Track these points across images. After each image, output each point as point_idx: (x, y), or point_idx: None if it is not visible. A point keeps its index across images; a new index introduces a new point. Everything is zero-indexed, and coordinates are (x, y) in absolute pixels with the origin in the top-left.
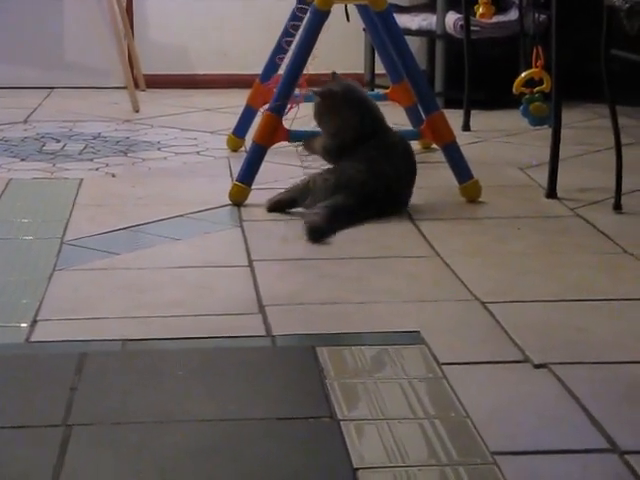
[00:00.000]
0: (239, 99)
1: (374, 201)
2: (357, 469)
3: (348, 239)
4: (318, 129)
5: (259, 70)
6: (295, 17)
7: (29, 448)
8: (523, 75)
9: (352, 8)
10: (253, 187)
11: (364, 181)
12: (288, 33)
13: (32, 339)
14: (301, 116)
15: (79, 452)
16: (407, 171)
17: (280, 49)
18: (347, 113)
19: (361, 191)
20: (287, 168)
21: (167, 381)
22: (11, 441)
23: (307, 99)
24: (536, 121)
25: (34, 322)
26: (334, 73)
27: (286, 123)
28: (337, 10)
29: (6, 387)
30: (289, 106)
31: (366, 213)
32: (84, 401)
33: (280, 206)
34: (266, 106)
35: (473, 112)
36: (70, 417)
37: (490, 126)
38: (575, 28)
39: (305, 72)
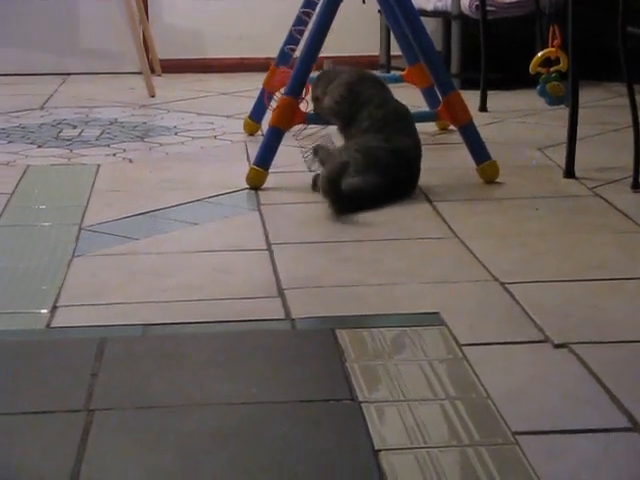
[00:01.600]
0: (255, 83)
1: (398, 180)
2: (379, 450)
3: (366, 221)
4: None
5: (274, 53)
6: (308, 3)
7: (51, 433)
8: (539, 55)
9: None
10: (270, 171)
11: (389, 162)
12: (300, 21)
13: (52, 325)
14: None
15: (101, 437)
16: (417, 141)
17: (292, 38)
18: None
19: (388, 172)
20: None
21: (188, 365)
22: (33, 426)
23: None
24: (553, 101)
25: (54, 308)
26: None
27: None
28: None
29: (27, 373)
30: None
31: (391, 193)
32: (105, 386)
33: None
34: (281, 91)
35: (490, 93)
36: (92, 402)
37: (507, 106)
38: (591, 6)
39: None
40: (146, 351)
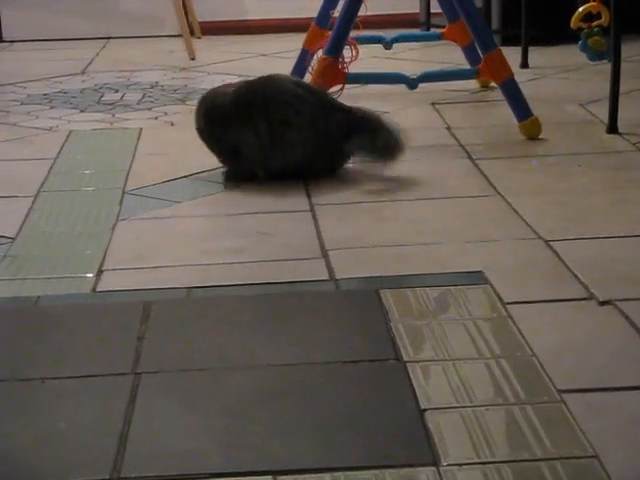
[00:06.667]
0: (295, 43)
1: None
2: (424, 410)
3: (407, 181)
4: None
5: (313, 14)
6: None
7: (100, 397)
8: (581, 9)
9: None
10: None
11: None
12: None
13: (98, 289)
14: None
15: (148, 399)
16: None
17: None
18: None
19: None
20: None
21: (232, 327)
22: (82, 390)
23: (360, 40)
24: (595, 56)
25: (100, 272)
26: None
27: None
28: None
29: (75, 337)
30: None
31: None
32: (151, 349)
33: None
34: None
35: (531, 49)
36: (138, 365)
37: (548, 62)
38: None
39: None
40: (191, 314)
